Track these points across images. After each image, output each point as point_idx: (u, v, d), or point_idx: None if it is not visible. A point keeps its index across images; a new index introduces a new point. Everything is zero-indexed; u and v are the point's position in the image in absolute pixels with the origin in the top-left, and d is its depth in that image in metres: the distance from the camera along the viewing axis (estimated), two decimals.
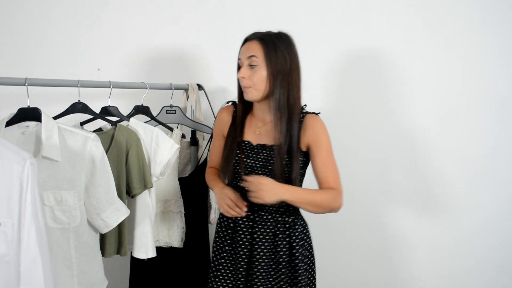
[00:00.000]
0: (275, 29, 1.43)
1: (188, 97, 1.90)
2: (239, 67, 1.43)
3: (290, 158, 1.39)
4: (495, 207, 2.00)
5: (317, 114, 1.46)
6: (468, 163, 2.00)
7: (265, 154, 1.43)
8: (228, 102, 1.56)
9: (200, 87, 1.94)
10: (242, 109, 1.50)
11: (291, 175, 1.39)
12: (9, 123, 1.29)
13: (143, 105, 1.68)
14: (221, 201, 1.41)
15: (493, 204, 2.00)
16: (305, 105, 1.47)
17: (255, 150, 1.45)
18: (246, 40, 1.42)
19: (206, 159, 1.79)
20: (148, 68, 2.09)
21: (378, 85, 2.03)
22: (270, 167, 1.41)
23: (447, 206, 2.03)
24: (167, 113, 1.79)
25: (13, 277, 1.08)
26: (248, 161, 1.44)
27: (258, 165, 1.43)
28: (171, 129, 1.83)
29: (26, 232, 1.06)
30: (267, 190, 1.29)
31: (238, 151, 1.45)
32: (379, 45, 2.02)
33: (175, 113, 1.80)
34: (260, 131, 1.47)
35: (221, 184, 1.50)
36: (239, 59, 1.43)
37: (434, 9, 1.98)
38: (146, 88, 1.68)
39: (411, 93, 2.01)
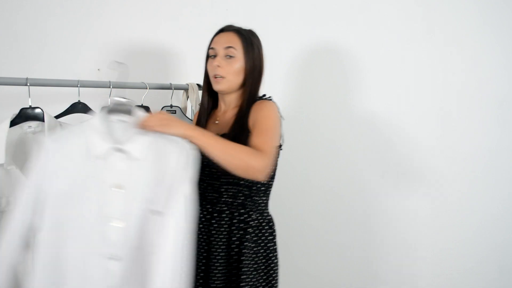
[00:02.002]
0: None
1: (188, 97, 1.90)
2: (208, 57, 1.43)
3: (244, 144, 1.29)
4: (495, 207, 2.00)
5: (268, 99, 1.43)
6: (468, 163, 2.00)
7: None
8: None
9: (200, 87, 1.93)
10: (208, 102, 1.48)
11: None
12: (11, 123, 1.29)
13: (143, 105, 1.68)
14: None
15: (493, 204, 2.01)
16: (264, 95, 1.44)
17: None
18: (222, 30, 1.43)
19: None
20: (148, 68, 2.09)
21: (378, 85, 2.03)
22: None
23: (446, 206, 2.03)
24: None
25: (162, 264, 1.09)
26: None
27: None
28: None
29: (170, 222, 1.08)
30: (172, 121, 1.17)
31: None
32: (379, 45, 2.02)
33: (175, 113, 1.80)
34: (218, 120, 1.46)
35: None
36: (211, 48, 1.41)
37: (433, 8, 1.99)
38: (146, 88, 1.68)
39: (411, 93, 2.02)
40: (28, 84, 1.33)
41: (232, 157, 1.19)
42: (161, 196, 1.09)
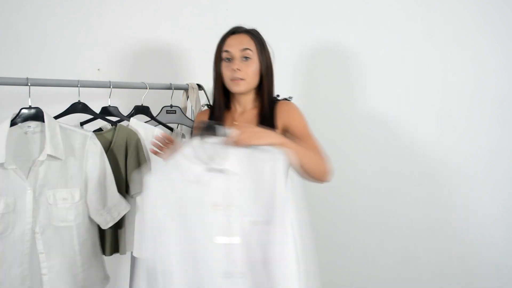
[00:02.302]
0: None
1: (188, 97, 1.90)
2: (220, 59, 1.42)
3: None
4: (495, 207, 2.00)
5: (288, 99, 1.48)
6: (468, 163, 2.00)
7: None
8: (204, 106, 1.54)
9: (200, 87, 1.94)
10: (223, 103, 1.47)
11: None
12: (11, 123, 1.29)
13: (143, 105, 1.68)
14: (152, 141, 1.29)
15: (493, 204, 2.00)
16: (278, 95, 1.49)
17: None
18: (233, 32, 1.43)
19: None
20: (148, 68, 2.09)
21: (378, 85, 2.03)
22: None
23: (446, 206, 2.03)
24: (167, 113, 1.79)
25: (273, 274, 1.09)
26: None
27: None
28: (171, 129, 1.83)
29: (280, 230, 1.07)
30: (264, 132, 1.19)
31: None
32: (379, 45, 2.02)
33: (175, 113, 1.80)
34: (237, 122, 1.47)
35: None
36: (225, 51, 1.41)
37: (433, 8, 1.99)
38: (146, 88, 1.68)
39: (411, 93, 2.01)
40: (29, 84, 1.33)
41: (314, 162, 1.24)
42: (263, 206, 1.11)
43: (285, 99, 1.49)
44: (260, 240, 1.10)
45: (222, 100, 1.45)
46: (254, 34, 1.42)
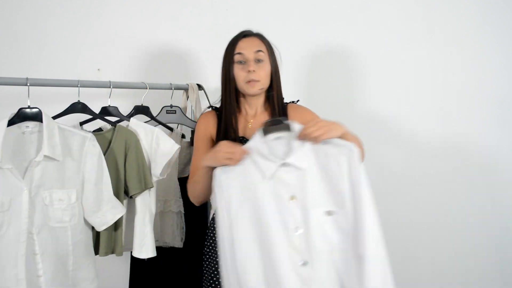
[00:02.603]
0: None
1: (188, 97, 1.90)
2: (231, 62, 1.42)
3: None
4: (495, 207, 2.00)
5: (295, 102, 1.53)
6: (468, 163, 2.00)
7: None
8: (209, 107, 1.54)
9: (200, 87, 1.93)
10: (236, 106, 1.47)
11: None
12: (9, 123, 1.29)
13: (143, 105, 1.68)
14: (218, 154, 1.25)
15: (493, 204, 2.00)
16: (283, 98, 1.51)
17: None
18: (245, 35, 1.44)
19: None
20: (148, 68, 2.09)
21: (378, 85, 2.03)
22: None
23: (446, 206, 2.03)
24: (167, 113, 1.78)
25: (352, 260, 1.15)
26: None
27: None
28: (171, 129, 1.83)
29: (366, 218, 1.14)
30: (331, 124, 1.22)
31: None
32: (379, 45, 2.02)
33: (175, 113, 1.80)
34: (251, 124, 1.48)
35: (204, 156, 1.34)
36: (239, 53, 1.41)
37: (433, 8, 1.99)
38: (146, 88, 1.68)
39: (411, 93, 2.01)
40: (28, 84, 1.33)
41: (361, 152, 1.27)
42: (337, 197, 1.17)
43: (292, 102, 1.53)
44: (331, 230, 1.16)
45: (235, 103, 1.46)
46: (264, 37, 1.46)
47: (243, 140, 1.44)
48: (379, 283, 1.13)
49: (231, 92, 1.44)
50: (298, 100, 1.55)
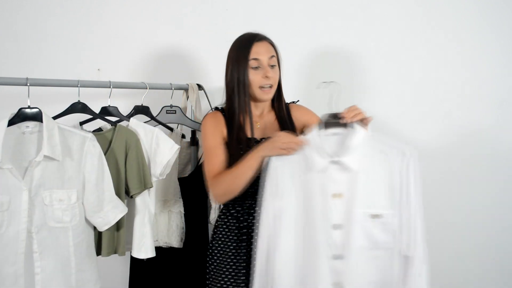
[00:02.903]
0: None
1: (188, 97, 1.90)
2: (245, 67, 1.41)
3: None
4: (495, 207, 2.00)
5: (295, 102, 1.59)
6: (468, 163, 2.00)
7: None
8: (215, 109, 1.53)
9: (200, 87, 1.93)
10: (249, 109, 1.46)
11: None
12: (9, 123, 1.29)
13: (143, 105, 1.68)
14: (277, 144, 1.29)
15: (493, 204, 2.00)
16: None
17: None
18: (258, 39, 1.44)
19: None
20: (148, 68, 2.09)
21: (377, 85, 2.03)
22: None
23: (446, 206, 2.03)
24: (167, 113, 1.78)
25: (395, 261, 1.22)
26: None
27: None
28: (171, 129, 1.83)
29: (412, 221, 1.20)
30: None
31: (248, 149, 1.43)
32: (379, 45, 2.02)
33: (175, 113, 1.80)
34: (260, 125, 1.51)
35: (258, 147, 1.36)
36: (255, 59, 1.41)
37: (433, 8, 1.99)
38: (146, 88, 1.68)
39: (410, 94, 2.01)
40: (28, 84, 1.33)
41: None
42: (387, 199, 1.21)
43: (293, 102, 1.59)
44: (374, 231, 1.21)
45: (249, 107, 1.45)
46: (272, 41, 1.48)
47: (252, 141, 1.46)
48: (424, 284, 1.20)
49: (245, 95, 1.43)
50: (298, 100, 1.59)
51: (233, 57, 1.45)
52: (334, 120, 1.27)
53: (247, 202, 1.46)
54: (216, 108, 1.54)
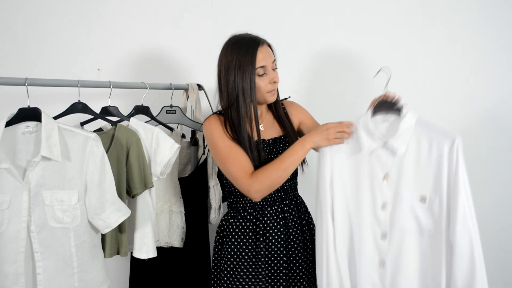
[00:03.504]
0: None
1: (188, 97, 1.90)
2: (253, 74, 1.40)
3: (296, 139, 1.53)
4: (495, 207, 2.00)
5: (287, 99, 1.64)
6: (468, 163, 2.00)
7: (281, 145, 1.51)
8: (216, 112, 1.52)
9: (200, 87, 1.93)
10: (257, 114, 1.46)
11: None
12: (9, 123, 1.29)
13: (143, 105, 1.68)
14: (330, 135, 1.36)
15: (493, 204, 2.00)
16: None
17: (272, 144, 1.51)
18: (261, 45, 1.42)
19: (206, 159, 1.79)
20: (148, 68, 2.09)
21: (377, 86, 2.03)
22: None
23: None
24: (167, 113, 1.78)
25: (441, 249, 1.26)
26: (271, 156, 1.49)
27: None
28: (171, 129, 1.83)
29: (460, 208, 1.23)
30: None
31: (258, 152, 1.46)
32: (378, 45, 2.02)
33: (175, 113, 1.80)
34: (263, 127, 1.53)
35: (304, 137, 1.41)
36: (262, 67, 1.41)
37: (434, 8, 1.99)
38: (146, 88, 1.68)
39: (411, 94, 2.01)
40: (26, 84, 1.33)
41: None
42: (432, 184, 1.27)
43: (285, 98, 1.62)
44: (420, 213, 1.28)
45: (256, 113, 1.44)
46: (269, 42, 1.48)
47: (264, 143, 1.49)
48: (465, 269, 1.21)
49: (252, 102, 1.42)
50: (289, 97, 1.64)
51: (235, 64, 1.40)
52: (385, 105, 1.34)
53: (259, 204, 1.50)
54: (215, 113, 1.53)
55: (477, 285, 1.20)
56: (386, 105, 1.34)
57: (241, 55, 1.40)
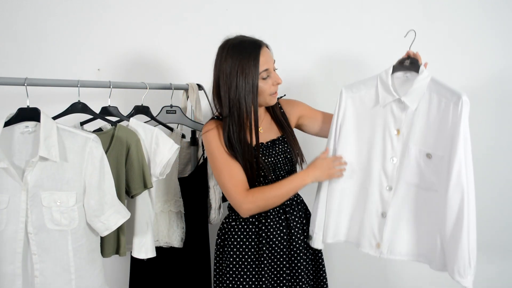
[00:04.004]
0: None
1: (188, 97, 1.90)
2: (256, 78, 1.39)
3: (294, 139, 1.56)
4: (495, 207, 2.00)
5: (282, 97, 1.63)
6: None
7: (279, 147, 1.51)
8: (214, 118, 1.52)
9: (200, 87, 1.93)
10: (258, 117, 1.45)
11: (301, 154, 1.57)
12: (8, 123, 1.29)
13: (143, 105, 1.68)
14: (332, 171, 1.46)
15: (493, 204, 2.00)
16: None
17: (270, 147, 1.50)
18: (261, 47, 1.41)
19: (206, 159, 1.79)
20: (148, 68, 2.09)
21: None
22: (289, 156, 1.51)
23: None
24: (167, 113, 1.78)
25: (440, 204, 1.30)
26: (271, 159, 1.48)
27: (280, 159, 1.50)
28: (171, 129, 1.83)
29: (456, 163, 1.26)
30: None
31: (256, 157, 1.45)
32: (378, 46, 2.02)
33: (175, 113, 1.80)
34: (262, 129, 1.53)
35: (302, 171, 1.48)
36: (266, 70, 1.40)
37: (434, 8, 1.99)
38: (146, 88, 1.68)
39: None
40: (26, 84, 1.33)
41: None
42: (438, 140, 1.31)
43: (281, 97, 1.62)
44: (425, 169, 1.33)
45: (257, 117, 1.43)
46: (267, 43, 1.47)
47: (260, 145, 1.49)
48: (452, 223, 1.27)
49: (254, 106, 1.40)
50: (285, 95, 1.64)
51: (237, 69, 1.38)
52: (406, 63, 1.39)
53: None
54: (212, 118, 1.52)
55: (463, 239, 1.25)
56: (407, 63, 1.39)
57: (243, 59, 1.38)
